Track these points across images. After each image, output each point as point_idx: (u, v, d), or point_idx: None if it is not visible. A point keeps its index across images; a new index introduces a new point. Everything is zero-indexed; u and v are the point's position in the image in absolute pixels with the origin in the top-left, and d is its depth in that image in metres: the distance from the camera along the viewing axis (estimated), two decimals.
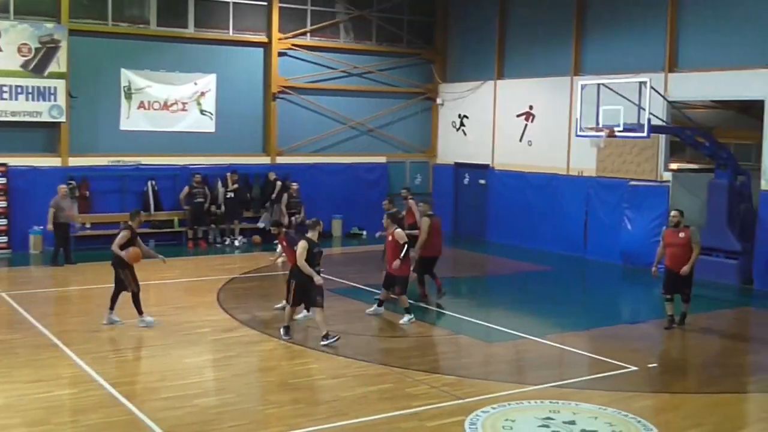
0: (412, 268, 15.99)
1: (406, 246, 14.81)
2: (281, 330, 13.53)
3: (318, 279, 13.13)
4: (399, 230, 14.95)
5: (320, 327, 13.14)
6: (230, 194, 23.24)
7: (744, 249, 19.06)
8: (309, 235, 13.36)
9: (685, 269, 14.54)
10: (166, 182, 23.20)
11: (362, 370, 11.95)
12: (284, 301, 15.28)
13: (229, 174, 23.36)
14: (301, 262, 13.01)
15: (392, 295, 15.18)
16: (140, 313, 14.13)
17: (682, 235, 14.76)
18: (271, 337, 13.71)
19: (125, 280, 14.10)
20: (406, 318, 14.71)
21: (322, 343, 12.97)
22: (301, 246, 13.09)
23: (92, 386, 10.95)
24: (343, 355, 12.65)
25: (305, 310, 14.82)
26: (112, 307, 14.17)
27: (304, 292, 13.27)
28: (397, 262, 14.73)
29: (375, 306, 15.32)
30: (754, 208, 19.25)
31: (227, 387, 11.20)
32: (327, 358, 12.54)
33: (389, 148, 27.13)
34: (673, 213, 15.24)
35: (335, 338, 13.04)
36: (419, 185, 27.36)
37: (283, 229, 15.43)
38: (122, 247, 14.03)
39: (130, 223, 14.47)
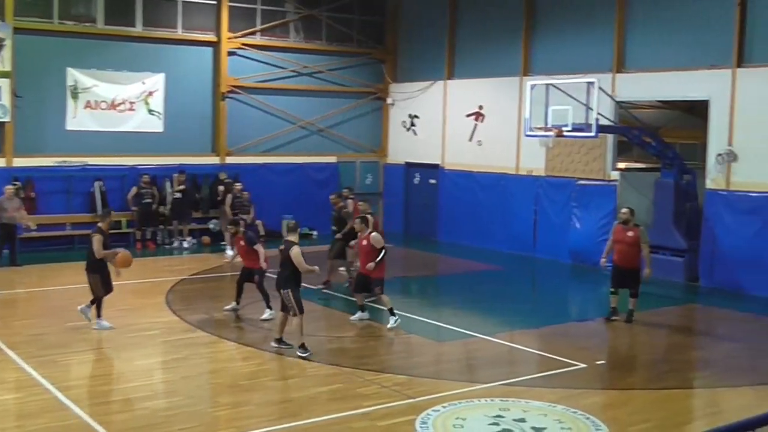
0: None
1: (384, 250, 14.57)
2: (299, 351, 12.54)
3: (317, 268, 13.20)
4: (375, 234, 14.73)
5: (276, 330, 12.98)
6: (177, 195, 23.00)
7: (690, 247, 19.35)
8: (292, 238, 12.89)
9: (648, 273, 14.99)
10: (113, 183, 22.90)
11: (313, 370, 11.91)
12: (234, 303, 15.19)
13: (176, 174, 23.14)
14: (305, 266, 12.71)
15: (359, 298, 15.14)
16: (99, 315, 13.93)
17: (630, 233, 15.04)
18: (221, 339, 13.62)
19: (93, 285, 13.91)
20: (392, 320, 14.43)
21: (274, 345, 12.91)
22: (298, 251, 12.65)
23: (38, 390, 10.76)
24: (293, 355, 12.59)
25: (268, 309, 14.75)
26: (96, 309, 14.06)
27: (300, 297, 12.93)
28: (371, 265, 14.43)
29: (359, 313, 14.97)
30: (700, 206, 19.55)
31: (176, 389, 11.09)
32: (277, 359, 12.49)
33: (340, 148, 27.10)
34: (623, 210, 15.53)
35: (288, 346, 12.82)
36: (370, 185, 27.39)
37: (241, 229, 15.29)
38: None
39: (99, 225, 14.16)
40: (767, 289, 17.71)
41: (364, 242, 14.74)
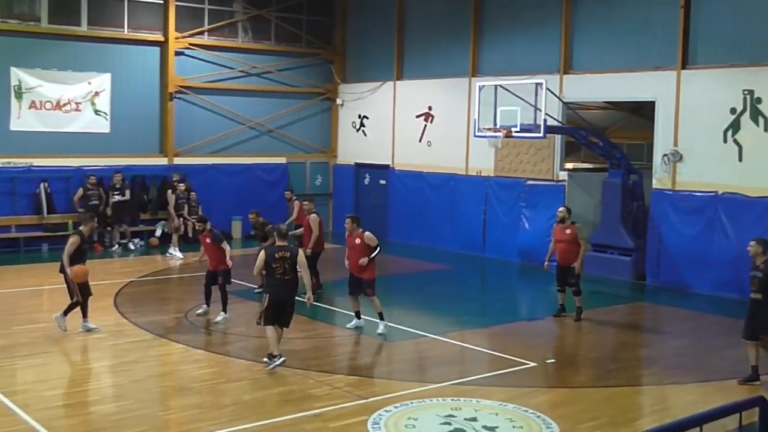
0: None
1: (378, 248, 14.37)
2: (270, 361, 11.90)
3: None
4: (369, 233, 14.30)
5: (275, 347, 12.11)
6: (116, 197, 22.55)
7: (637, 246, 19.60)
8: (285, 243, 12.31)
9: (577, 267, 15.25)
10: (59, 184, 22.57)
11: (263, 372, 11.83)
12: (204, 306, 15.00)
13: (114, 176, 22.68)
14: (308, 271, 12.45)
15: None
16: (84, 316, 13.89)
17: (568, 231, 15.39)
18: (170, 342, 13.49)
19: (72, 288, 13.74)
20: (381, 326, 14.21)
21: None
22: (303, 255, 12.34)
23: None
24: (243, 357, 12.53)
25: (223, 312, 14.64)
26: (84, 315, 13.91)
27: None
28: (365, 260, 14.13)
29: (355, 320, 14.66)
30: (646, 206, 19.82)
31: (125, 393, 10.96)
32: (227, 362, 12.41)
33: (289, 149, 27.00)
34: (560, 209, 15.89)
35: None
36: (320, 186, 27.36)
37: (208, 227, 15.01)
38: (72, 255, 13.59)
39: (81, 228, 13.99)
40: (711, 287, 18.03)
41: (357, 241, 14.26)
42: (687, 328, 15.63)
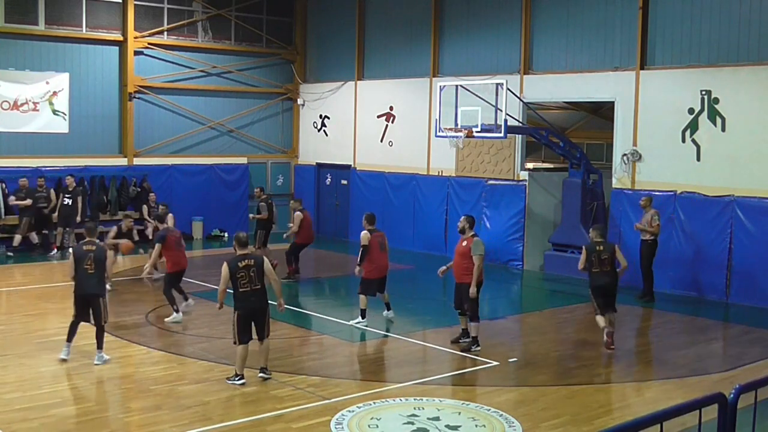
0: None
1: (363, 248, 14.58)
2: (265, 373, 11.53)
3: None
4: (364, 232, 14.77)
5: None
6: (67, 200, 21.91)
7: None
8: (249, 251, 12.03)
9: (471, 291, 13.16)
10: (16, 185, 22.26)
11: (226, 373, 11.75)
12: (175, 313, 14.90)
13: (67, 178, 22.15)
14: (279, 279, 12.01)
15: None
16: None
17: (464, 243, 13.46)
18: (131, 343, 13.38)
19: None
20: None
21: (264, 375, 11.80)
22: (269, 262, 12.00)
23: None
24: (205, 359, 12.46)
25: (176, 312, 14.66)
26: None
27: None
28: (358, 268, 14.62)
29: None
30: (606, 205, 19.98)
31: (86, 395, 10.87)
32: (189, 363, 12.33)
33: (250, 149, 26.90)
34: (460, 219, 13.80)
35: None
36: (281, 186, 27.28)
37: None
38: None
39: None
40: (670, 285, 18.22)
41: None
42: (647, 326, 15.80)
